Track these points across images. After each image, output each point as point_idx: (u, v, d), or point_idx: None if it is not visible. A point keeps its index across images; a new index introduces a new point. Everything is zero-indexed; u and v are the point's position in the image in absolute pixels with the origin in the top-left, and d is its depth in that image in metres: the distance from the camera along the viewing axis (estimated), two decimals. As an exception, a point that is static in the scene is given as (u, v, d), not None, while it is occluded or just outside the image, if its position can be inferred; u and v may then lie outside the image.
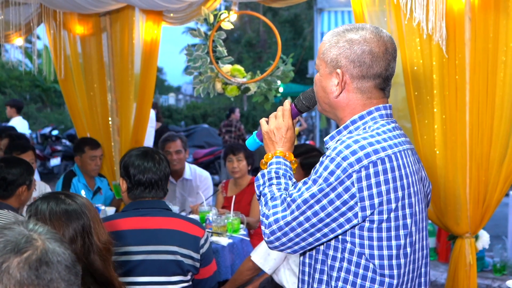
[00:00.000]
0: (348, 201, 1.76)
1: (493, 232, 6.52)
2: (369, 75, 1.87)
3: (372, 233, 1.81)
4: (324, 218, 1.78)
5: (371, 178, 1.77)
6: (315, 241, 1.84)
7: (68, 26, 5.43)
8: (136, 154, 3.04)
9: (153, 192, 3.00)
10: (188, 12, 4.96)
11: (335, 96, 1.91)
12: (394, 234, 1.82)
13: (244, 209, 4.85)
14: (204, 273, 3.08)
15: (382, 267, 1.82)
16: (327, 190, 1.77)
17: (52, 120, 20.60)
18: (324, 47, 1.92)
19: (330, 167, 1.78)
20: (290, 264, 3.40)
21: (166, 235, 2.93)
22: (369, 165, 1.77)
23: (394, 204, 1.80)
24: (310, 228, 1.80)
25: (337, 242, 1.85)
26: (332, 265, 1.87)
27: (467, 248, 3.84)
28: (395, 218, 1.81)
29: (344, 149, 1.79)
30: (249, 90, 4.67)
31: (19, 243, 1.18)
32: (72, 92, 5.59)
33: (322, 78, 1.94)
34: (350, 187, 1.76)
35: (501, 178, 3.66)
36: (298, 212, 1.80)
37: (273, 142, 2.06)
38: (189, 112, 24.84)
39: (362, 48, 1.85)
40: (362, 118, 1.90)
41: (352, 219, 1.78)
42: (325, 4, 18.37)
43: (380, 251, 1.82)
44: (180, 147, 5.41)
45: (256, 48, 31.00)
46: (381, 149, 1.80)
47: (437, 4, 3.50)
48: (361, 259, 1.83)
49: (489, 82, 3.60)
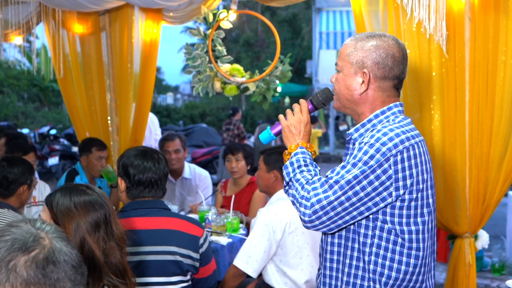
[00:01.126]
0: (385, 182, 2.04)
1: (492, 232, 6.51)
2: (390, 76, 2.17)
3: (402, 211, 2.09)
4: (363, 197, 2.04)
5: (405, 162, 2.05)
6: (351, 219, 2.08)
7: (67, 25, 5.41)
8: (135, 154, 3.02)
9: (152, 191, 2.98)
10: (187, 11, 4.95)
11: (359, 94, 2.19)
12: (420, 211, 2.11)
13: (243, 209, 4.85)
14: (203, 272, 3.07)
15: (410, 240, 2.11)
16: (367, 172, 2.03)
17: (50, 120, 20.59)
18: (348, 50, 2.21)
19: (370, 152, 2.04)
20: (278, 264, 3.40)
21: (165, 235, 2.91)
22: (403, 150, 2.05)
23: (421, 185, 2.10)
24: (350, 207, 2.04)
25: (368, 221, 2.12)
26: (364, 241, 2.13)
27: (466, 248, 3.84)
28: (421, 197, 2.11)
29: (382, 136, 2.06)
30: (248, 89, 4.66)
31: (27, 241, 1.17)
32: (71, 92, 5.57)
33: (346, 77, 2.21)
34: (387, 169, 2.03)
35: (501, 178, 3.66)
36: (340, 192, 2.03)
37: (293, 135, 2.29)
38: (187, 112, 24.82)
39: (386, 52, 2.15)
40: (383, 113, 2.18)
41: (386, 198, 2.06)
42: (324, 3, 18.39)
43: (408, 227, 2.10)
44: (179, 146, 5.41)
45: (254, 48, 30.99)
46: (410, 137, 2.10)
47: (437, 3, 3.50)
48: (390, 235, 2.10)
49: (489, 82, 3.61)
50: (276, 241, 3.35)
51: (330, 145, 18.48)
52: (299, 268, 3.37)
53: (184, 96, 32.55)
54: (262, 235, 3.35)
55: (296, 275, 3.36)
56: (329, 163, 16.72)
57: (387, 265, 2.11)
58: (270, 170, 3.70)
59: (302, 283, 3.36)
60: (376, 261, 2.11)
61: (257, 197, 4.90)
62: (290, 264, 3.37)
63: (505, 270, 5.82)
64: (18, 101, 23.06)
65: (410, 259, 2.11)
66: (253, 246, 3.36)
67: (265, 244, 3.35)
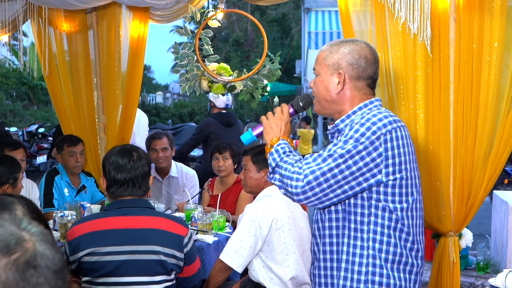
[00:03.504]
0: (376, 159, 2.18)
1: (477, 231, 6.57)
2: (364, 76, 2.35)
3: (394, 189, 2.23)
4: (355, 171, 2.17)
5: (394, 141, 2.20)
6: (342, 192, 2.20)
7: (54, 23, 5.39)
8: (115, 151, 3.00)
9: (129, 190, 2.93)
10: (175, 10, 4.95)
11: (337, 93, 2.35)
12: (410, 190, 2.27)
13: (229, 207, 4.85)
14: (188, 272, 3.06)
15: (402, 217, 2.26)
16: (360, 148, 2.16)
17: (39, 118, 20.51)
18: (324, 54, 2.39)
19: (361, 130, 2.18)
20: (264, 260, 3.41)
21: (149, 234, 2.89)
22: (392, 130, 2.21)
23: (409, 164, 2.25)
24: (342, 180, 2.17)
25: (363, 200, 2.25)
26: (362, 220, 2.27)
27: (450, 247, 3.87)
28: (410, 177, 2.26)
29: (372, 117, 2.22)
30: (234, 88, 4.67)
31: (9, 244, 1.15)
32: (58, 90, 5.55)
33: (324, 79, 2.38)
34: (378, 147, 2.18)
35: (485, 177, 3.70)
36: (334, 164, 2.16)
37: (274, 131, 2.42)
38: (176, 111, 24.79)
39: (359, 54, 2.34)
40: (366, 105, 2.35)
41: (376, 174, 2.19)
42: (313, 4, 18.45)
43: (400, 204, 2.25)
44: (167, 145, 5.41)
45: (244, 47, 31.01)
46: (397, 120, 2.27)
47: (422, 3, 3.53)
48: (385, 212, 2.25)
49: (474, 82, 3.64)
50: (262, 236, 3.36)
51: (319, 145, 18.52)
52: (285, 264, 3.38)
53: (174, 95, 32.47)
54: (248, 230, 3.36)
55: (282, 271, 3.38)
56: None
57: (385, 241, 2.24)
58: (260, 169, 3.71)
59: (288, 280, 3.38)
60: (375, 237, 2.25)
61: (244, 196, 4.90)
62: (276, 260, 3.38)
63: (489, 269, 5.86)
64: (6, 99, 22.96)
65: (402, 234, 2.26)
66: (239, 241, 3.37)
67: (251, 240, 3.36)
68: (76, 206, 4.56)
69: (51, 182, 5.01)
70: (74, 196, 5.03)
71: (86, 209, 4.54)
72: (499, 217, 6.38)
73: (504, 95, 3.62)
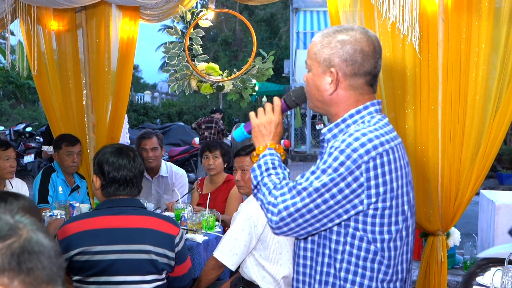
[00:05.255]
0: (356, 190, 1.91)
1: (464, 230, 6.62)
2: (361, 72, 2.01)
3: (375, 219, 1.96)
4: (333, 205, 1.92)
5: (378, 169, 1.92)
6: (321, 226, 1.97)
7: (43, 22, 5.38)
8: (110, 151, 2.99)
9: (127, 189, 2.95)
10: (165, 9, 4.96)
11: (330, 94, 2.04)
12: (394, 219, 1.99)
13: (219, 207, 4.86)
14: (179, 271, 3.06)
15: (382, 249, 2.00)
16: (337, 180, 1.90)
17: (26, 117, 20.38)
18: (315, 48, 2.06)
19: (340, 158, 1.91)
20: (257, 258, 3.43)
21: (140, 234, 2.89)
22: (376, 156, 1.92)
23: (395, 192, 1.97)
24: (319, 214, 1.94)
25: (340, 227, 2.00)
26: (336, 248, 2.02)
27: (438, 246, 3.91)
28: (396, 205, 1.98)
29: (353, 141, 1.92)
30: (223, 88, 4.68)
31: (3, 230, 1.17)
32: (46, 89, 5.53)
33: (315, 77, 2.07)
34: (359, 176, 1.90)
35: (473, 177, 3.73)
36: (309, 199, 1.92)
37: (263, 135, 2.20)
38: (164, 110, 24.75)
39: (354, 47, 1.99)
40: (359, 112, 2.04)
41: (358, 205, 1.93)
42: (301, 4, 18.47)
43: (381, 235, 1.99)
44: (156, 144, 5.40)
45: (232, 47, 31.02)
46: (385, 142, 1.96)
47: (411, 5, 3.56)
48: (362, 242, 1.99)
49: (462, 83, 3.67)
50: (256, 235, 3.38)
51: (307, 144, 18.56)
52: (278, 263, 3.40)
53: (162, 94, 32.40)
54: (243, 228, 3.38)
55: (275, 270, 3.39)
56: (305, 162, 16.82)
57: (359, 273, 2.02)
58: None
59: (280, 278, 3.39)
60: (348, 268, 2.01)
61: (234, 195, 4.92)
62: (270, 259, 3.40)
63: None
64: (-7, 98, 22.81)
65: (381, 267, 2.01)
66: (233, 239, 3.38)
67: (246, 238, 3.37)
68: (65, 206, 4.55)
69: (48, 178, 5.02)
70: (69, 194, 5.04)
71: (75, 208, 4.54)
72: (485, 217, 6.45)
73: (491, 95, 3.66)
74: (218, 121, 12.13)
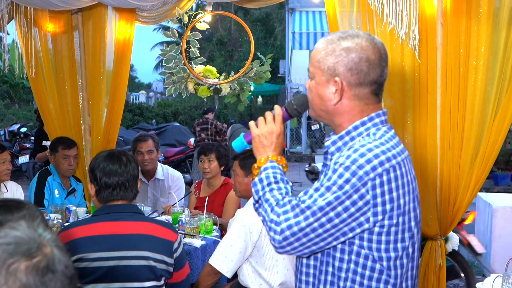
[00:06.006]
0: (362, 208, 1.83)
1: (461, 233, 6.60)
2: (366, 82, 1.93)
3: (381, 237, 1.88)
4: (338, 223, 1.84)
5: (385, 186, 1.83)
6: (325, 244, 1.89)
7: (39, 24, 5.34)
8: (102, 156, 3.00)
9: (121, 193, 2.94)
10: (161, 12, 4.93)
11: (334, 104, 1.95)
12: (400, 237, 1.91)
13: (217, 210, 4.84)
14: (177, 277, 3.05)
15: (388, 267, 1.92)
16: (342, 198, 1.82)
17: (21, 117, 20.30)
18: (319, 55, 1.96)
19: (345, 175, 1.82)
20: (254, 265, 3.41)
21: (139, 240, 2.88)
22: (383, 173, 1.83)
23: (402, 209, 1.88)
24: (323, 233, 1.85)
25: (344, 244, 1.91)
26: (340, 266, 1.94)
27: (437, 250, 3.90)
28: (403, 222, 1.90)
29: (359, 157, 1.83)
30: (220, 91, 4.66)
31: (31, 247, 1.19)
32: (42, 91, 5.49)
33: (319, 86, 1.97)
34: (365, 194, 1.82)
35: (472, 181, 3.72)
36: (313, 218, 1.84)
37: (264, 146, 2.10)
38: (160, 110, 24.69)
39: (359, 55, 1.90)
40: (364, 124, 1.96)
41: (363, 224, 1.85)
42: (297, 4, 18.47)
43: (387, 253, 1.90)
44: (152, 147, 5.38)
45: (228, 47, 31.00)
46: (392, 157, 1.87)
47: (411, 9, 3.55)
48: (367, 260, 1.91)
49: (461, 87, 3.66)
50: (252, 242, 3.36)
51: (302, 145, 18.54)
52: (275, 270, 3.38)
53: (157, 94, 32.37)
54: (238, 235, 3.36)
55: (271, 277, 3.38)
56: (301, 162, 16.80)
57: None
58: (248, 174, 3.69)
59: (277, 285, 3.38)
60: (352, 287, 1.93)
61: (231, 198, 4.90)
62: (266, 266, 3.38)
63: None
64: (-13, 98, 22.72)
65: (388, 286, 1.94)
66: (229, 246, 3.36)
67: (241, 245, 3.35)
68: (62, 209, 4.53)
69: (44, 182, 4.99)
70: (64, 198, 5.01)
71: (72, 212, 4.51)
72: (482, 219, 6.44)
73: (490, 99, 3.65)
74: (214, 122, 12.10)
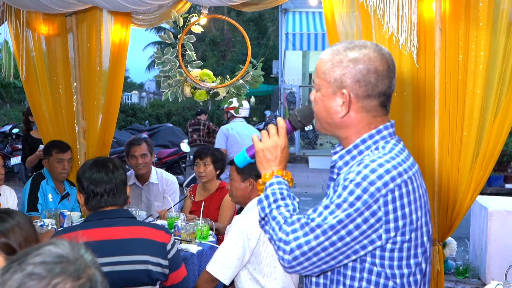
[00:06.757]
0: (374, 225, 1.77)
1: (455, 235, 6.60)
2: (374, 94, 1.87)
3: (394, 253, 1.83)
4: (350, 241, 1.78)
5: (397, 201, 1.78)
6: (336, 263, 1.84)
7: (32, 26, 5.30)
8: (88, 164, 3.01)
9: (110, 200, 2.94)
10: (157, 15, 4.89)
11: (341, 117, 1.90)
12: (413, 252, 1.85)
13: (212, 214, 4.81)
14: (173, 279, 3.05)
15: (402, 284, 1.86)
16: (354, 216, 1.76)
17: (12, 118, 20.18)
18: (325, 66, 1.90)
19: (356, 192, 1.77)
20: (251, 272, 3.39)
21: (134, 244, 2.88)
22: (394, 188, 1.78)
23: (414, 224, 1.83)
24: (334, 252, 1.80)
25: (356, 262, 1.86)
26: (351, 285, 1.88)
27: (435, 256, 3.88)
28: (415, 237, 1.84)
29: (370, 173, 1.78)
30: (218, 95, 4.63)
31: (79, 269, 1.21)
32: (36, 94, 5.44)
33: (325, 98, 1.92)
34: (377, 211, 1.77)
35: (471, 187, 3.71)
36: (323, 237, 1.78)
37: (268, 161, 2.04)
38: (153, 111, 24.60)
39: (367, 67, 1.85)
40: (372, 137, 1.91)
41: (376, 241, 1.80)
42: (290, 4, 18.45)
43: (400, 270, 1.85)
44: (146, 151, 5.33)
45: (220, 47, 30.95)
46: (403, 172, 1.81)
47: (410, 14, 3.53)
48: (380, 277, 1.85)
49: (459, 92, 3.65)
50: (250, 249, 3.33)
51: (296, 146, 18.53)
52: (273, 277, 3.35)
53: (149, 94, 32.27)
54: (236, 242, 3.33)
55: (269, 284, 3.35)
56: (294, 163, 16.80)
57: None
58: (245, 179, 3.66)
59: (274, 292, 3.35)
60: None
61: (227, 202, 4.87)
62: (264, 272, 3.35)
63: (468, 273, 5.89)
64: (-22, 99, 22.58)
65: None
66: (227, 252, 3.34)
67: (239, 252, 3.33)
68: (56, 214, 4.49)
69: (37, 186, 4.95)
70: (58, 202, 4.96)
71: (66, 217, 4.47)
72: (478, 223, 6.42)
73: (489, 104, 3.63)
74: (206, 123, 12.06)
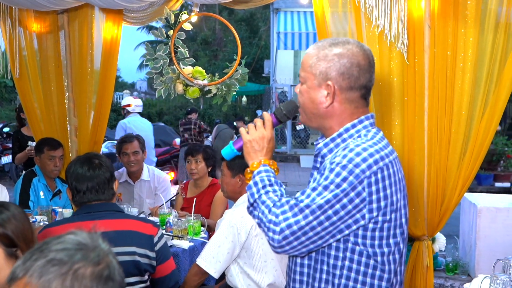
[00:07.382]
0: (359, 205, 1.92)
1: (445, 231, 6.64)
2: (356, 86, 2.04)
3: (375, 233, 1.98)
4: (336, 221, 1.92)
5: (379, 183, 1.94)
6: (323, 242, 1.96)
7: (24, 23, 5.29)
8: (74, 161, 3.08)
9: (93, 197, 2.99)
10: (148, 12, 4.91)
11: (325, 107, 2.05)
12: (392, 232, 2.01)
13: (204, 211, 4.84)
14: (162, 271, 3.10)
15: (382, 262, 2.01)
16: (340, 196, 1.90)
17: (3, 117, 20.10)
18: (311, 60, 2.06)
19: (343, 174, 1.91)
20: (242, 266, 3.41)
21: (122, 236, 2.95)
22: (377, 171, 1.94)
23: (395, 205, 1.99)
24: (322, 231, 1.92)
25: (339, 242, 1.99)
26: (335, 264, 2.01)
27: (424, 251, 3.92)
28: (395, 218, 2.00)
29: (355, 156, 1.93)
30: (210, 92, 4.65)
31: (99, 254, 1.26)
32: (27, 91, 5.44)
33: (311, 90, 2.07)
34: (361, 192, 1.91)
35: (459, 183, 3.74)
36: (312, 217, 1.90)
37: (256, 151, 2.17)
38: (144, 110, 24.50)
39: (350, 61, 2.01)
40: (354, 126, 2.06)
41: (359, 220, 1.94)
42: (282, 4, 18.50)
43: (381, 248, 2.00)
44: (138, 148, 5.35)
45: (212, 46, 30.97)
46: (385, 156, 1.98)
47: (399, 11, 3.56)
48: (362, 256, 1.99)
49: (448, 89, 3.68)
50: (240, 243, 3.36)
51: (287, 145, 18.57)
52: (263, 271, 3.38)
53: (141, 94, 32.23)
54: (226, 236, 3.36)
55: (260, 278, 3.38)
56: (286, 162, 16.83)
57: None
58: (235, 175, 3.70)
59: (265, 286, 3.38)
60: (347, 284, 2.00)
61: (219, 199, 4.90)
62: (255, 266, 3.38)
63: (458, 270, 5.93)
64: (-32, 98, 22.46)
65: (382, 282, 2.02)
66: (217, 246, 3.36)
67: (229, 246, 3.35)
68: (48, 211, 4.50)
69: (29, 183, 4.96)
70: (50, 200, 4.97)
71: (58, 214, 4.48)
72: (467, 220, 6.46)
73: (477, 101, 3.66)
74: (197, 122, 12.07)
